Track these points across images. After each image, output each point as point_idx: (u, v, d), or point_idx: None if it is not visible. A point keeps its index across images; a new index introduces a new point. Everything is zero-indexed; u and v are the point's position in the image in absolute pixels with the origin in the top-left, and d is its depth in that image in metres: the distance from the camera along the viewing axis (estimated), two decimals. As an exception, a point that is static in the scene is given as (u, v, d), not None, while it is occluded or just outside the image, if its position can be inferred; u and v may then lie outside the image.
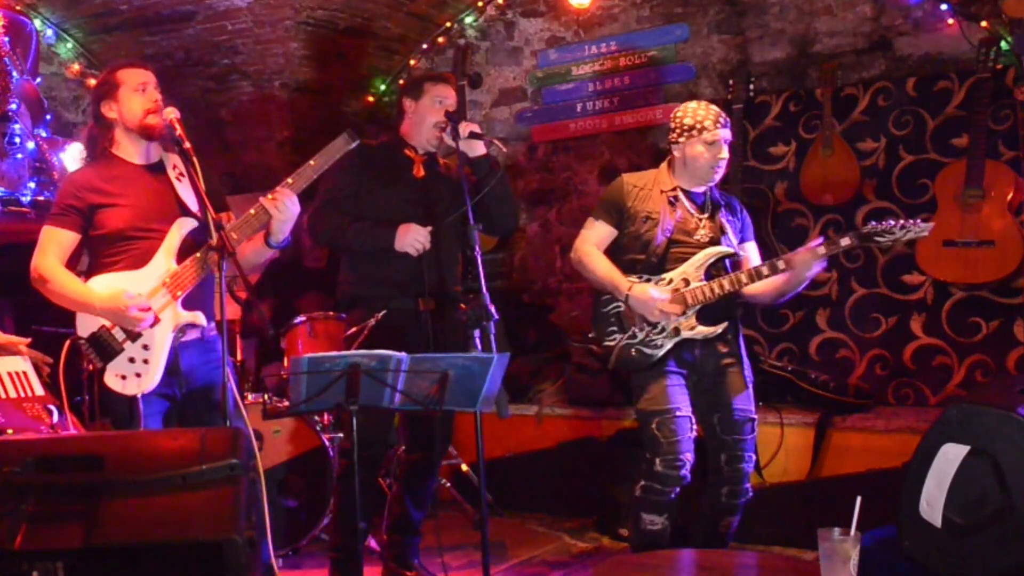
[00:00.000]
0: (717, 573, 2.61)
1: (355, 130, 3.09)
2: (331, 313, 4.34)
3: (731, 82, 4.97)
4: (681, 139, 3.45)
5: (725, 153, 3.43)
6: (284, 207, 2.97)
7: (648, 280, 3.43)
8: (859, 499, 2.03)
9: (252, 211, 2.99)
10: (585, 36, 5.65)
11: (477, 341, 3.06)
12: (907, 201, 4.66)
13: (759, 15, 5.14)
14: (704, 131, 3.40)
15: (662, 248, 3.41)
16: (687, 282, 3.40)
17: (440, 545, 3.50)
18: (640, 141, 5.51)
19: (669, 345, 3.38)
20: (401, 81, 6.05)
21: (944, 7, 4.61)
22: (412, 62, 6.05)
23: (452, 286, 3.60)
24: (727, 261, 3.47)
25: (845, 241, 3.26)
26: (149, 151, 3.12)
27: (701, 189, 3.51)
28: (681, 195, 3.48)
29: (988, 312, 4.49)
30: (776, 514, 4.14)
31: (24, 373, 3.16)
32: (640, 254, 3.45)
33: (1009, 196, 4.23)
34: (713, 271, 3.42)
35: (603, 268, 3.46)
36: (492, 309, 3.05)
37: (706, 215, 3.49)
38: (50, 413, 3.10)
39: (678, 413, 3.34)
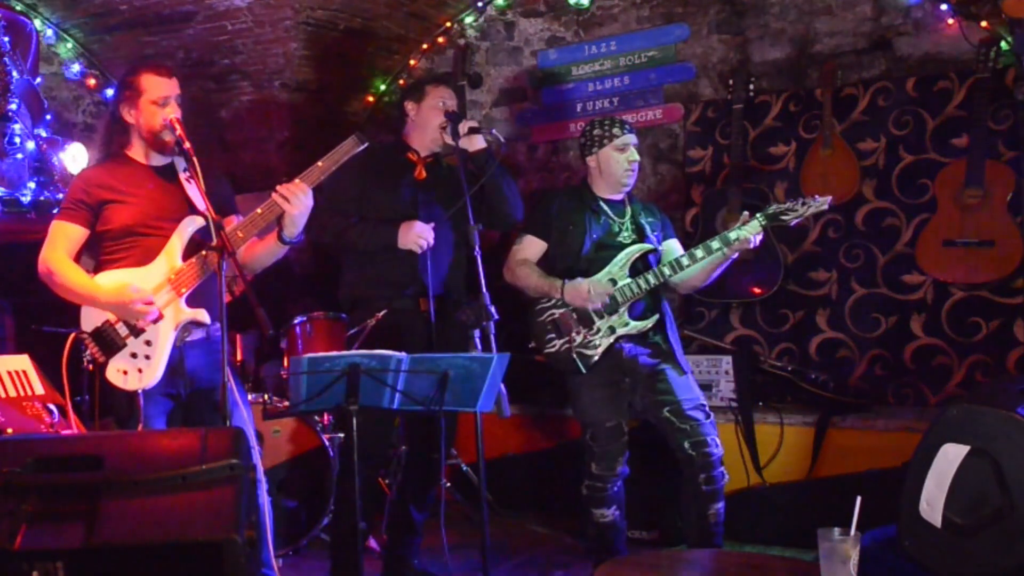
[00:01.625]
0: (717, 573, 2.61)
1: (364, 132, 3.10)
2: (331, 313, 4.33)
3: (731, 82, 4.97)
4: (594, 149, 3.65)
5: (635, 155, 3.64)
6: (298, 200, 2.98)
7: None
8: (859, 499, 2.03)
9: (259, 210, 3.01)
10: (585, 36, 5.65)
11: (477, 341, 3.06)
12: (907, 201, 4.66)
13: (759, 15, 5.13)
14: (614, 138, 3.62)
15: (591, 254, 3.57)
16: (614, 282, 3.54)
17: (441, 545, 3.50)
18: (639, 141, 5.47)
19: (606, 344, 3.51)
20: (401, 81, 6.05)
21: (944, 7, 4.61)
22: (412, 62, 6.05)
23: (454, 287, 3.60)
24: (650, 258, 3.63)
25: (753, 223, 3.40)
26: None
27: (619, 197, 3.69)
28: (602, 203, 3.66)
29: (988, 312, 4.48)
30: (776, 514, 4.14)
31: (24, 372, 3.18)
32: (570, 262, 3.60)
33: (1009, 196, 4.23)
34: (639, 266, 3.57)
35: (536, 276, 3.62)
36: (492, 309, 3.07)
37: (627, 219, 3.67)
38: (50, 412, 3.11)
39: (607, 424, 3.49)
